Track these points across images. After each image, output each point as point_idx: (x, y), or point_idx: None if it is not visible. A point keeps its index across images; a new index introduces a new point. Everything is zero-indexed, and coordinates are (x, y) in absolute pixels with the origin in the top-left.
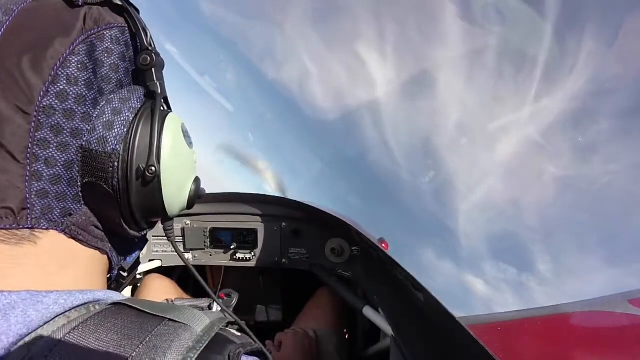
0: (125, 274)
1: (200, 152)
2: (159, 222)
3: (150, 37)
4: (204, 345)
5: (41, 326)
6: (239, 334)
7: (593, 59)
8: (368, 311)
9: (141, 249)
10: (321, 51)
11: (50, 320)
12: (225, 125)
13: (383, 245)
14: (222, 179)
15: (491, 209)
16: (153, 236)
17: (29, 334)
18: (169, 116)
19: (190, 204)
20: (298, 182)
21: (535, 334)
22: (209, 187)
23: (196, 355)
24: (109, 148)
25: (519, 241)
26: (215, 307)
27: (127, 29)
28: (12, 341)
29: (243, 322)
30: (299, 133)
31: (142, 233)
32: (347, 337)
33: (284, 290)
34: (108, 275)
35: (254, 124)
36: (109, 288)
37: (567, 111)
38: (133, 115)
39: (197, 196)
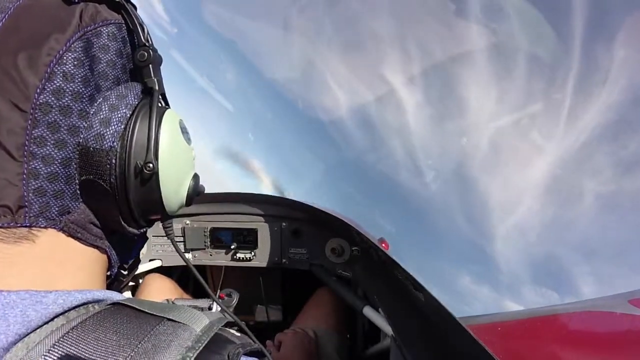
0: (125, 273)
1: (200, 152)
2: (159, 221)
3: (148, 33)
4: (203, 345)
5: (40, 326)
6: (238, 334)
7: (626, 66)
8: (368, 311)
9: (141, 248)
10: (322, 50)
11: (50, 320)
12: (226, 125)
13: (383, 245)
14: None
15: (530, 230)
16: (153, 236)
17: (28, 333)
18: (167, 112)
19: (189, 200)
20: (302, 183)
21: (535, 334)
22: (209, 187)
23: (195, 355)
24: (106, 145)
25: (559, 263)
26: (215, 307)
27: (124, 25)
28: (11, 341)
29: (243, 322)
30: (300, 133)
31: (141, 231)
32: (347, 337)
33: (284, 290)
34: (107, 274)
35: (254, 124)
36: (109, 287)
37: (603, 123)
38: (130, 112)
39: (196, 193)
